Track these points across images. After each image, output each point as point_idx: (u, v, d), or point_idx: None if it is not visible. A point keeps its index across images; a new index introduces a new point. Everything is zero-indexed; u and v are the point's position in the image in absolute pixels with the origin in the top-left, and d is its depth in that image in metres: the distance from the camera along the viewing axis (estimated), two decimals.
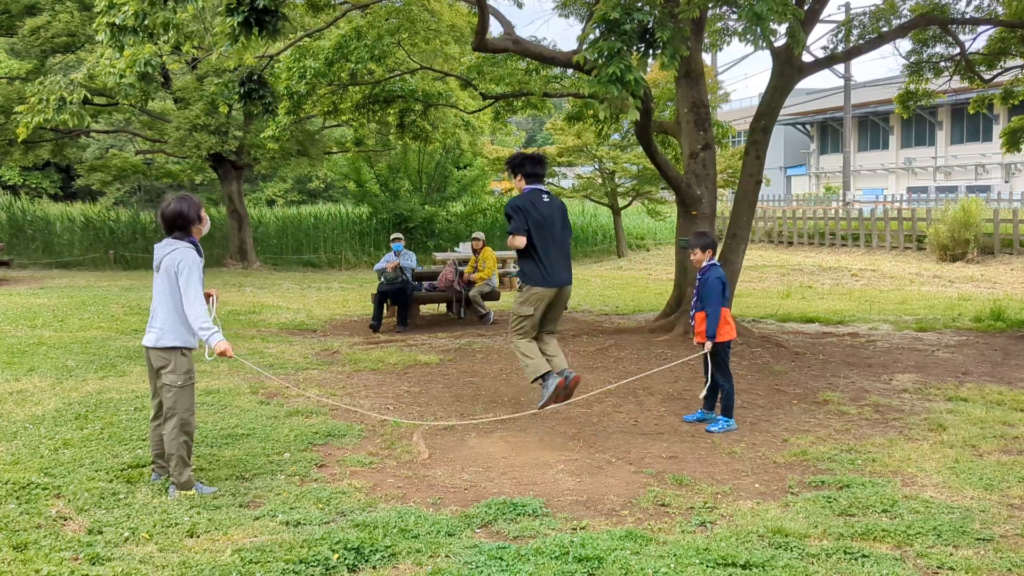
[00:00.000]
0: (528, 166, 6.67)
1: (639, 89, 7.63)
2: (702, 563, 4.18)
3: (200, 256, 5.36)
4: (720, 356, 7.01)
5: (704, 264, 7.11)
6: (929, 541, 4.50)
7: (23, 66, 21.84)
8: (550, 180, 29.58)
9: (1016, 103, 14.71)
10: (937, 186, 42.49)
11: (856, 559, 4.27)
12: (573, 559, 4.23)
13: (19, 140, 11.57)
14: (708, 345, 6.89)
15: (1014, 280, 18.51)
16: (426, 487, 5.53)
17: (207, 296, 5.59)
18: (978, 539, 4.52)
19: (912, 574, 4.10)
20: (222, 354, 5.27)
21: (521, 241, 6.43)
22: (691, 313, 7.18)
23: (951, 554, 4.33)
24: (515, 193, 6.76)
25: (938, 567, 4.19)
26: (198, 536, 4.58)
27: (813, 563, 4.23)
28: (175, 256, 5.25)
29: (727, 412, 7.00)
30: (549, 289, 6.55)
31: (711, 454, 6.28)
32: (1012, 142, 15.02)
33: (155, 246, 5.43)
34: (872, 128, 47.65)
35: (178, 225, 5.34)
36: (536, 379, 6.61)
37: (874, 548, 4.41)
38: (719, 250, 11.09)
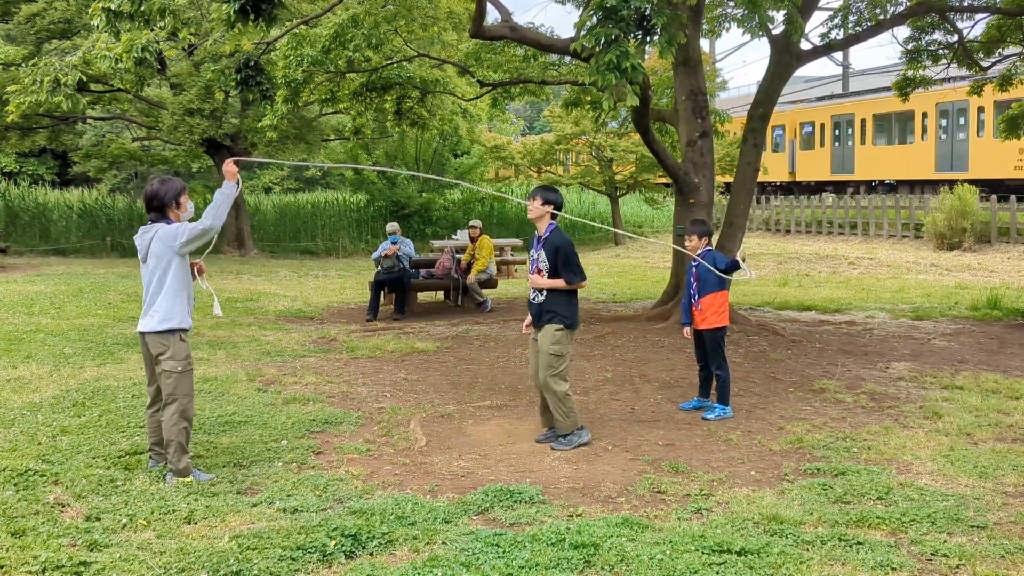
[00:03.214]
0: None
1: (637, 76, 7.61)
2: (698, 550, 4.20)
3: None
4: (717, 343, 7.03)
5: (699, 252, 7.13)
6: (924, 528, 4.52)
7: (19, 52, 21.75)
8: (547, 169, 29.56)
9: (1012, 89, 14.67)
10: None
11: (851, 546, 4.29)
12: (569, 546, 4.25)
13: (9, 120, 11.53)
14: (742, 251, 7.08)
15: (1011, 268, 18.52)
16: (423, 474, 5.55)
17: (197, 268, 5.64)
18: (972, 526, 4.55)
19: (906, 561, 4.12)
20: (231, 170, 5.35)
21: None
22: (693, 300, 7.12)
23: (945, 541, 4.36)
24: (534, 219, 6.26)
25: (932, 554, 4.22)
26: (196, 522, 4.60)
27: (808, 550, 4.26)
28: (161, 234, 5.26)
29: (723, 400, 7.02)
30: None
31: (707, 441, 6.30)
32: (1011, 128, 15.00)
33: (135, 237, 5.43)
34: None
35: (153, 206, 5.37)
36: (574, 431, 6.18)
37: (869, 535, 4.44)
38: (717, 238, 11.10)
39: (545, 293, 6.17)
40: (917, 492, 5.06)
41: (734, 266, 6.90)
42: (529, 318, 6.40)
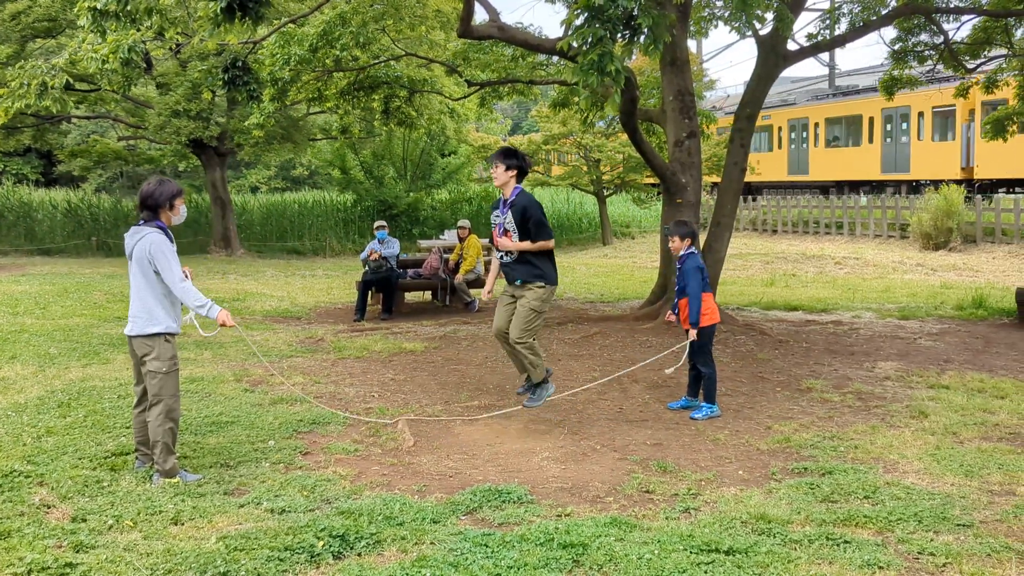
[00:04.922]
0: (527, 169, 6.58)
1: (620, 78, 7.60)
2: (686, 549, 4.21)
3: (171, 242, 5.34)
4: (703, 342, 7.04)
5: (682, 253, 7.11)
6: (910, 527, 4.54)
7: (3, 51, 21.61)
8: (535, 168, 29.57)
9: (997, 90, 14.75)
10: None
11: (838, 545, 4.30)
12: (558, 545, 4.25)
13: None
14: (692, 334, 6.91)
15: (996, 268, 18.64)
16: (411, 474, 5.54)
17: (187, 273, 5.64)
18: (958, 525, 4.57)
19: (893, 559, 4.14)
20: (223, 324, 5.39)
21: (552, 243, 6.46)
22: (675, 300, 7.21)
23: (932, 539, 4.38)
24: (500, 186, 6.46)
25: (919, 552, 4.23)
26: (182, 523, 4.58)
27: (796, 549, 4.27)
28: (144, 243, 5.25)
29: (710, 399, 7.03)
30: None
31: (695, 441, 6.31)
32: (996, 130, 15.09)
33: (125, 235, 5.42)
34: None
35: (147, 205, 5.35)
36: (542, 381, 6.58)
37: (856, 534, 4.45)
38: (704, 238, 11.13)
39: (516, 254, 6.37)
40: (904, 491, 5.08)
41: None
42: (488, 285, 6.84)
